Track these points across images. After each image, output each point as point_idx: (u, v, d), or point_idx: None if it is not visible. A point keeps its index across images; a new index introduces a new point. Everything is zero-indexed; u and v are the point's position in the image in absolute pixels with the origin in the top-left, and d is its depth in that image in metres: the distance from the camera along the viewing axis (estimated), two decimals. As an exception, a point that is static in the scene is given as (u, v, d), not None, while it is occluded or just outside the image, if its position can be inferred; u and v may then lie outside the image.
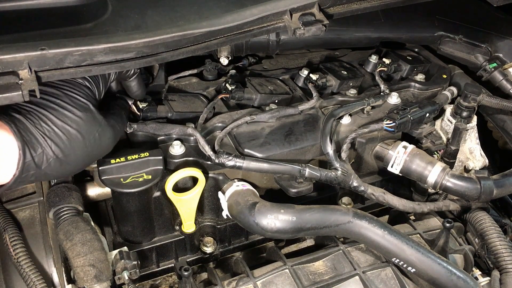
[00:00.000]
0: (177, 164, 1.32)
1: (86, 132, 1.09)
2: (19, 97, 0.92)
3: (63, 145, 1.05)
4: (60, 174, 1.12)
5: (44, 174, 1.06)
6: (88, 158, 1.14)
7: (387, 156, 1.43)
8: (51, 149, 1.03)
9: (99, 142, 1.13)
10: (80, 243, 1.17)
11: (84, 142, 1.09)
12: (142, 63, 1.06)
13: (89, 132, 1.10)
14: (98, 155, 1.18)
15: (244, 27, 1.13)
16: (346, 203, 1.51)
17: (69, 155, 1.07)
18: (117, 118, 1.22)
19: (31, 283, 1.16)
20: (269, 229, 1.20)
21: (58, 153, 1.04)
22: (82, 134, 1.08)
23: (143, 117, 1.37)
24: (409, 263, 1.20)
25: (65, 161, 1.07)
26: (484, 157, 1.60)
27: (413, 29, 1.75)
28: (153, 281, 1.47)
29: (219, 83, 1.56)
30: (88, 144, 1.10)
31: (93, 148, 1.12)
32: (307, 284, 1.21)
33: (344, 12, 1.23)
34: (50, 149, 1.03)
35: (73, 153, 1.07)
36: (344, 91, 1.56)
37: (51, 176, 1.10)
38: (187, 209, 1.34)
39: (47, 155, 1.03)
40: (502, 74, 1.61)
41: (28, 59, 0.93)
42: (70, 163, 1.09)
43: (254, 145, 1.35)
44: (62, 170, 1.09)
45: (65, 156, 1.06)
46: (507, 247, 1.32)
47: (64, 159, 1.06)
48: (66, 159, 1.07)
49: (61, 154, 1.05)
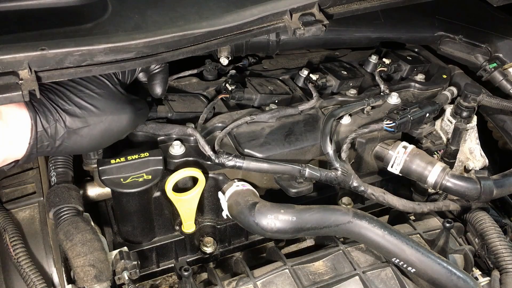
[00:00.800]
0: (177, 164, 1.32)
1: (103, 107, 1.09)
2: (19, 97, 0.92)
3: (78, 118, 1.05)
4: (76, 148, 1.10)
5: (59, 147, 1.06)
6: (105, 135, 1.13)
7: (387, 156, 1.43)
8: (65, 122, 1.04)
9: (117, 119, 1.12)
10: (80, 243, 1.17)
11: (100, 118, 1.09)
12: (142, 63, 1.05)
13: (106, 108, 1.10)
14: (116, 134, 1.16)
15: (244, 27, 1.13)
16: (346, 203, 1.51)
17: (83, 128, 1.07)
18: (140, 101, 1.22)
19: (31, 283, 1.16)
20: (269, 229, 1.20)
21: (72, 125, 1.05)
22: (99, 108, 1.08)
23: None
24: (409, 263, 1.20)
25: (80, 135, 1.07)
26: (484, 157, 1.60)
27: (413, 29, 1.75)
28: (153, 281, 1.47)
29: (219, 83, 1.56)
30: (105, 120, 1.10)
31: (110, 124, 1.11)
32: (307, 284, 1.21)
33: (344, 12, 1.23)
34: (64, 121, 1.04)
35: (88, 127, 1.07)
36: (344, 91, 1.56)
37: (67, 150, 1.09)
38: (187, 209, 1.34)
39: (61, 126, 1.03)
40: (502, 74, 1.61)
41: (28, 59, 0.93)
42: (85, 137, 1.09)
43: (254, 145, 1.35)
44: (78, 144, 1.08)
45: (80, 129, 1.06)
46: (507, 247, 1.32)
47: (79, 132, 1.06)
48: (81, 132, 1.07)
49: (75, 127, 1.05)
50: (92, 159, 1.34)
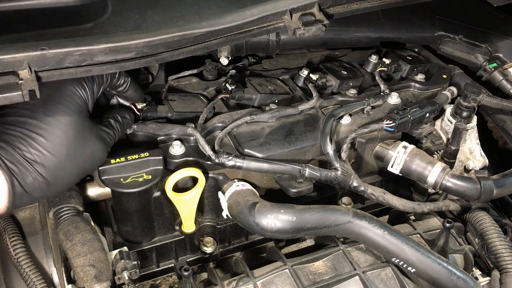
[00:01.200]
0: (177, 164, 1.32)
1: (75, 149, 1.08)
2: (19, 97, 0.92)
3: (53, 166, 1.03)
4: (53, 193, 1.12)
5: (37, 198, 1.06)
6: (80, 173, 1.14)
7: (387, 156, 1.43)
8: (41, 174, 1.02)
9: (90, 156, 1.13)
10: (80, 243, 1.17)
11: (74, 160, 1.08)
12: (142, 63, 1.05)
13: (77, 149, 1.08)
14: (90, 169, 1.18)
15: (244, 27, 1.13)
16: (346, 203, 1.51)
17: (59, 175, 1.06)
18: (108, 130, 1.21)
19: (31, 283, 1.16)
20: (269, 229, 1.20)
21: (48, 175, 1.03)
22: (70, 152, 1.06)
23: (143, 117, 1.37)
24: (409, 263, 1.20)
25: (56, 182, 1.06)
26: (484, 157, 1.60)
27: (413, 29, 1.75)
28: (153, 281, 1.47)
29: (219, 83, 1.56)
30: (79, 161, 1.09)
31: (84, 163, 1.12)
32: (307, 284, 1.21)
33: (344, 12, 1.23)
34: (40, 174, 1.02)
35: (64, 171, 1.06)
36: (344, 91, 1.56)
37: (44, 197, 1.10)
38: (187, 209, 1.34)
39: (38, 181, 1.02)
40: (502, 74, 1.62)
41: (28, 59, 0.93)
42: (61, 182, 1.08)
43: (254, 145, 1.35)
44: (55, 189, 1.08)
45: (55, 177, 1.05)
46: (507, 247, 1.32)
47: (54, 180, 1.05)
48: (57, 180, 1.06)
49: (51, 176, 1.04)
50: (92, 159, 1.34)
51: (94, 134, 1.14)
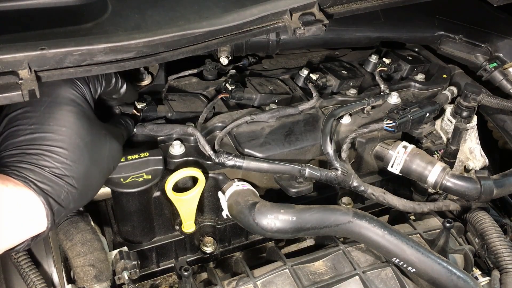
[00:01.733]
0: (177, 164, 1.32)
1: (95, 152, 1.07)
2: (19, 97, 0.91)
3: (81, 174, 1.02)
4: (86, 201, 1.11)
5: (73, 208, 1.04)
6: (105, 175, 1.15)
7: (387, 156, 1.43)
8: (72, 185, 1.00)
9: (109, 156, 1.13)
10: (80, 243, 1.17)
11: (97, 163, 1.08)
12: (142, 63, 1.05)
13: (97, 152, 1.08)
14: (111, 169, 1.18)
15: (244, 27, 1.13)
16: (346, 203, 1.51)
17: (89, 182, 1.05)
18: (118, 129, 1.24)
19: (31, 283, 1.16)
20: (269, 229, 1.20)
21: (79, 185, 1.02)
22: (92, 156, 1.06)
23: (143, 117, 1.37)
24: (409, 263, 1.20)
25: (87, 189, 1.06)
26: (484, 157, 1.60)
27: (413, 29, 1.74)
28: (153, 281, 1.47)
29: (219, 83, 1.56)
30: (101, 163, 1.10)
31: (107, 164, 1.13)
32: (307, 284, 1.21)
33: (344, 12, 1.23)
34: (72, 186, 1.00)
35: (91, 177, 1.06)
36: (344, 91, 1.56)
37: (79, 207, 1.12)
38: (187, 209, 1.34)
39: (71, 193, 1.00)
40: (502, 74, 1.61)
41: (28, 59, 0.92)
42: (91, 188, 1.09)
43: (254, 145, 1.35)
44: (87, 197, 1.09)
45: (86, 185, 1.04)
46: (507, 247, 1.32)
47: (85, 188, 1.04)
48: (87, 187, 1.06)
49: (82, 185, 1.03)
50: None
51: (108, 134, 1.14)
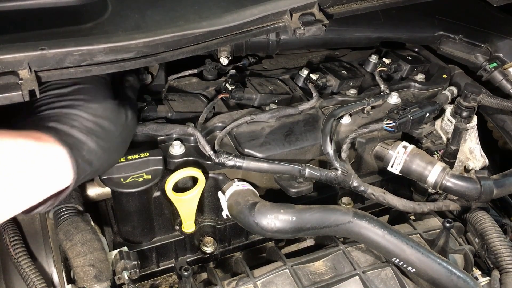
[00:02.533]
0: (177, 164, 1.32)
1: (115, 117, 1.13)
2: (19, 97, 0.92)
3: (104, 129, 1.07)
4: (110, 162, 1.15)
5: (97, 170, 1.09)
6: (126, 139, 1.20)
7: (387, 156, 1.43)
8: (95, 143, 1.04)
9: (128, 122, 1.18)
10: (80, 243, 1.17)
11: (116, 127, 1.12)
12: (142, 63, 1.05)
13: (118, 117, 1.14)
14: (131, 134, 1.24)
15: (244, 27, 1.13)
16: (346, 203, 1.51)
17: (112, 139, 1.10)
18: (131, 96, 1.29)
19: (31, 283, 1.16)
20: (269, 229, 1.20)
21: (101, 144, 1.06)
22: (112, 120, 1.11)
23: (143, 117, 1.37)
24: (409, 263, 1.20)
25: (110, 147, 1.10)
26: (484, 157, 1.60)
27: (413, 29, 1.74)
28: (153, 281, 1.47)
29: (219, 83, 1.56)
30: (121, 128, 1.14)
31: (125, 129, 1.17)
32: (307, 284, 1.21)
33: (344, 12, 1.23)
34: (94, 143, 1.04)
35: (114, 135, 1.10)
36: (344, 91, 1.56)
37: (103, 169, 1.14)
38: (187, 209, 1.34)
39: (93, 150, 1.04)
40: (502, 74, 1.61)
41: (28, 59, 0.93)
42: (114, 149, 1.13)
43: (254, 145, 1.35)
44: (111, 157, 1.13)
45: (109, 141, 1.09)
46: (507, 247, 1.32)
47: (109, 145, 1.09)
48: (111, 145, 1.10)
49: (105, 141, 1.07)
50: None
51: (123, 101, 1.19)
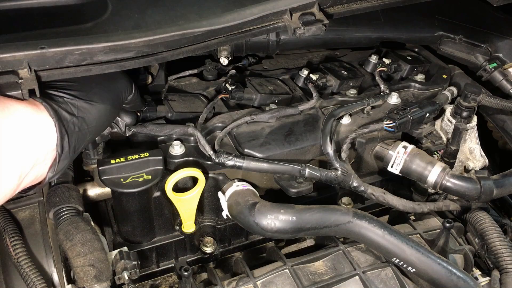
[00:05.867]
0: (177, 164, 1.32)
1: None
2: (18, 96, 0.92)
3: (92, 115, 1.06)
4: (89, 136, 1.09)
5: (85, 133, 1.05)
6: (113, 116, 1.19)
7: (387, 156, 1.43)
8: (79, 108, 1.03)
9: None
10: (80, 243, 1.17)
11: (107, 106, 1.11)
12: (142, 63, 1.05)
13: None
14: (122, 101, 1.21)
15: (244, 27, 1.13)
16: (346, 203, 1.51)
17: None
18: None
19: (31, 283, 1.16)
20: (269, 229, 1.20)
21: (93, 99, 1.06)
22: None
23: (142, 117, 1.37)
24: (409, 263, 1.19)
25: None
26: (484, 157, 1.60)
27: (413, 29, 1.75)
28: (153, 281, 1.47)
29: (219, 83, 1.56)
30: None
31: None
32: (307, 284, 1.21)
33: (344, 12, 1.23)
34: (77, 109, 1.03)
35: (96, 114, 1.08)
36: (344, 91, 1.56)
37: (83, 141, 1.07)
38: (187, 209, 1.34)
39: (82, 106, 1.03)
40: (502, 74, 1.61)
41: (28, 58, 0.92)
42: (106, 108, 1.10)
43: (254, 145, 1.35)
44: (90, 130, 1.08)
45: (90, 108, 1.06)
46: (507, 247, 1.32)
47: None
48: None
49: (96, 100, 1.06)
50: (92, 159, 1.34)
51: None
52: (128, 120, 1.31)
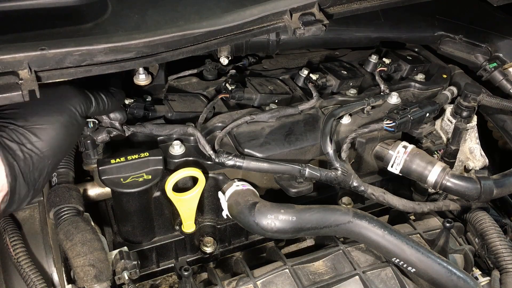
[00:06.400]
0: (177, 164, 1.32)
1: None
2: (19, 97, 0.92)
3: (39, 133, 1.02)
4: (49, 166, 1.06)
5: (41, 158, 1.02)
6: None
7: (387, 156, 1.43)
8: (33, 148, 1.00)
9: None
10: (80, 243, 1.17)
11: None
12: (142, 63, 1.05)
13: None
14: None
15: (244, 27, 1.13)
16: (346, 203, 1.51)
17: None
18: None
19: (31, 283, 1.16)
20: (269, 229, 1.20)
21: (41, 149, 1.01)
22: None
23: (143, 117, 1.37)
24: (409, 263, 1.20)
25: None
26: (484, 157, 1.60)
27: (413, 29, 1.75)
28: (153, 281, 1.47)
29: (219, 83, 1.56)
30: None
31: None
32: (307, 284, 1.21)
33: (344, 12, 1.23)
34: (32, 147, 1.00)
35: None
36: (344, 91, 1.56)
37: (52, 157, 1.05)
38: (187, 209, 1.34)
39: (32, 159, 1.00)
40: (502, 74, 1.61)
41: (28, 59, 0.93)
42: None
43: (254, 145, 1.35)
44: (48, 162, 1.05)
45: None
46: (507, 247, 1.32)
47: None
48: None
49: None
50: (92, 159, 1.34)
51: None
52: (120, 116, 1.27)
